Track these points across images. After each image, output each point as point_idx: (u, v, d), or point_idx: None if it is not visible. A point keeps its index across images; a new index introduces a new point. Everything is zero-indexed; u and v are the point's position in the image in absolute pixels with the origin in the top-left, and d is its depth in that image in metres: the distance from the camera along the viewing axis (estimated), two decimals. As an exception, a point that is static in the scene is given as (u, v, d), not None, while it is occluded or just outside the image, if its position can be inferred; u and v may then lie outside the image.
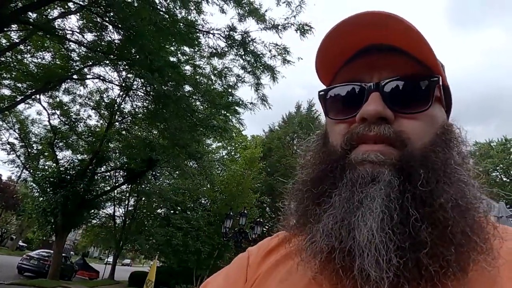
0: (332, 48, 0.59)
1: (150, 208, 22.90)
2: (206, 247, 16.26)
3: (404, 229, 0.45)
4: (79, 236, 40.68)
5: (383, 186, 0.48)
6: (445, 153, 0.52)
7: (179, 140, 10.32)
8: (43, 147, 17.64)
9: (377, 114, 0.52)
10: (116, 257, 24.80)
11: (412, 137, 0.52)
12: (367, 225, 0.46)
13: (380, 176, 0.49)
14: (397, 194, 0.47)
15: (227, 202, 17.37)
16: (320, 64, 0.62)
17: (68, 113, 16.21)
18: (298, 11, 8.61)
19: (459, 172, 0.51)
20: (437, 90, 0.56)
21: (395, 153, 0.51)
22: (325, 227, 0.50)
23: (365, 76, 0.57)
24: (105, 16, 8.99)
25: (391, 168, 0.50)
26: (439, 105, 0.58)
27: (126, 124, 16.23)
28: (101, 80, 13.28)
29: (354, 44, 0.58)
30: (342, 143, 0.55)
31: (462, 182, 0.50)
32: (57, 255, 16.06)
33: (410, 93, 0.54)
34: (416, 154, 0.51)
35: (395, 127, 0.52)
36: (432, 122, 0.55)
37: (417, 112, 0.54)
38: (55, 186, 15.58)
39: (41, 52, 12.49)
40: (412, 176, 0.48)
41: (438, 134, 0.55)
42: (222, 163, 19.78)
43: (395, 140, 0.52)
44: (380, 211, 0.46)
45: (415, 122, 0.53)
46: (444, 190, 0.48)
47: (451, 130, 0.57)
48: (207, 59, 10.15)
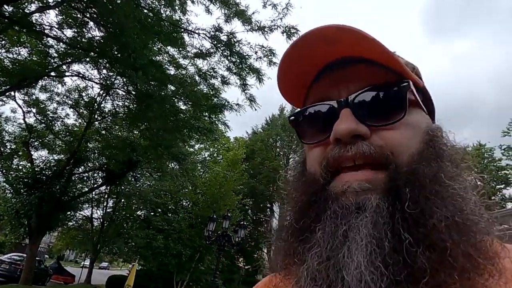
0: (291, 71, 0.56)
1: (129, 210, 22.42)
2: (188, 250, 16.02)
3: (398, 258, 0.41)
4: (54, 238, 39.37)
5: (368, 214, 0.45)
6: (434, 165, 0.48)
7: (163, 140, 10.11)
8: (17, 146, 16.95)
9: (350, 133, 0.49)
10: (93, 261, 24.09)
11: (395, 150, 0.48)
12: (354, 261, 0.42)
13: (367, 203, 0.46)
14: (387, 218, 0.43)
15: (209, 205, 17.21)
16: (284, 89, 0.60)
17: (45, 112, 15.64)
18: (284, 14, 8.62)
19: (452, 186, 0.46)
20: (411, 94, 0.53)
21: (381, 175, 0.48)
22: (310, 269, 0.45)
23: (333, 93, 0.54)
24: (86, 12, 8.71)
25: (378, 192, 0.46)
26: (419, 109, 0.55)
27: (106, 123, 15.81)
28: (81, 77, 12.86)
29: (314, 63, 0.55)
30: (321, 172, 0.52)
31: (457, 196, 0.46)
32: (31, 259, 15.41)
33: (382, 103, 0.51)
34: (402, 171, 0.47)
35: (374, 142, 0.49)
36: (414, 130, 0.51)
37: (393, 122, 0.50)
38: (30, 187, 14.98)
39: (17, 47, 11.99)
40: (400, 196, 0.45)
41: (424, 142, 0.51)
42: (205, 164, 19.60)
43: (378, 157, 0.48)
44: (366, 242, 0.42)
45: (394, 133, 0.50)
46: (437, 208, 0.43)
47: (437, 135, 0.53)
48: (191, 59, 10.02)
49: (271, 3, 8.81)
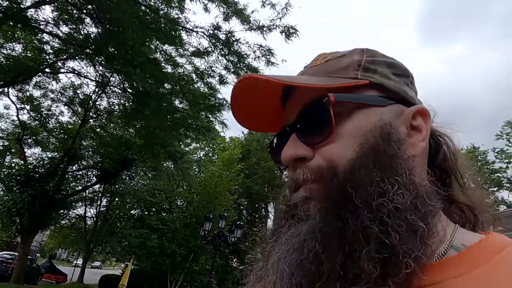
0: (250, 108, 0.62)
1: (123, 209, 22.26)
2: (182, 249, 15.93)
3: (309, 265, 0.45)
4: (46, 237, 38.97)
5: (307, 223, 0.48)
6: (363, 174, 0.48)
7: (159, 139, 10.02)
8: (10, 143, 16.73)
9: (291, 159, 0.54)
10: (85, 260, 23.87)
11: (331, 164, 0.51)
12: (273, 269, 0.48)
13: (310, 211, 0.49)
14: (314, 227, 0.47)
15: (204, 204, 17.13)
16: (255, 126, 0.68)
17: (39, 108, 15.47)
18: (283, 14, 8.59)
19: (379, 193, 0.46)
20: (353, 97, 0.54)
21: (318, 186, 0.51)
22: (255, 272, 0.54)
23: (288, 119, 0.58)
24: (83, 8, 8.61)
25: (316, 202, 0.49)
26: (366, 109, 0.54)
27: (101, 121, 15.67)
28: (76, 74, 12.72)
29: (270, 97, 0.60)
30: (289, 192, 0.57)
31: (381, 205, 0.45)
32: (22, 258, 15.21)
33: (313, 121, 0.54)
34: (333, 183, 0.49)
35: (314, 163, 0.52)
36: (353, 136, 0.52)
37: (325, 138, 0.52)
38: (22, 185, 14.79)
39: (11, 43, 11.82)
40: (327, 208, 0.47)
41: (364, 145, 0.50)
42: (200, 164, 19.52)
43: (315, 176, 0.51)
44: (286, 250, 0.48)
45: (331, 147, 0.52)
46: (353, 218, 0.45)
47: (385, 133, 0.51)
48: (189, 58, 9.95)
49: (270, 3, 8.78)
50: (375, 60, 0.60)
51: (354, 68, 0.57)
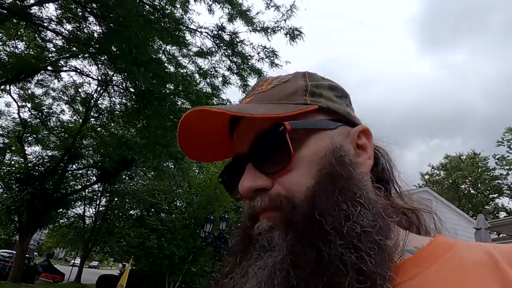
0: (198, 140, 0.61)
1: (122, 209, 22.18)
2: (181, 250, 15.86)
3: None
4: (44, 236, 38.87)
5: (273, 252, 0.47)
6: (323, 199, 0.48)
7: (161, 139, 9.98)
8: (11, 140, 16.68)
9: (250, 190, 0.52)
10: (83, 259, 23.77)
11: (289, 193, 0.50)
12: None
13: (274, 241, 0.48)
14: (283, 257, 0.46)
15: (204, 206, 17.06)
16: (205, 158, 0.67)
17: (40, 107, 15.43)
18: (288, 15, 8.55)
19: (338, 215, 0.46)
20: (306, 123, 0.54)
21: (280, 215, 0.50)
22: None
23: (240, 148, 0.57)
24: (87, 6, 8.58)
25: (280, 231, 0.49)
26: (317, 133, 0.55)
27: (102, 121, 15.62)
28: (78, 73, 12.69)
29: (217, 128, 0.59)
30: (246, 221, 0.55)
31: (340, 226, 0.45)
32: (20, 256, 15.15)
33: (270, 151, 0.53)
34: (294, 211, 0.49)
35: (273, 192, 0.51)
36: (309, 162, 0.52)
37: (283, 167, 0.52)
38: (22, 183, 14.75)
39: (14, 40, 11.79)
40: (292, 237, 0.47)
41: (321, 170, 0.51)
42: (201, 164, 19.46)
43: (277, 205, 0.50)
44: (258, 282, 0.46)
45: (289, 176, 0.52)
46: (312, 246, 0.44)
47: (339, 156, 0.53)
48: (192, 58, 9.92)
49: (274, 5, 8.76)
50: (319, 84, 0.61)
51: (302, 93, 0.58)
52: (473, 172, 30.14)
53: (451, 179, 30.99)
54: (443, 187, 31.41)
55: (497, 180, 29.87)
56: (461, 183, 31.35)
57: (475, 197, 30.58)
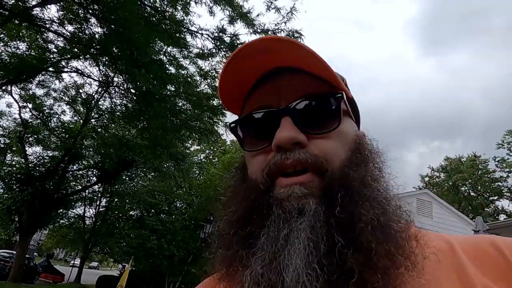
0: (231, 78, 0.59)
1: (122, 209, 22.19)
2: (181, 251, 15.88)
3: (331, 260, 0.44)
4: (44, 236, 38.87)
5: (307, 218, 0.47)
6: (361, 171, 0.52)
7: (162, 140, 10.01)
8: (11, 141, 16.71)
9: (290, 140, 0.52)
10: (83, 260, 23.77)
11: (328, 158, 0.52)
12: (293, 264, 0.45)
13: (306, 207, 0.48)
14: (323, 222, 0.46)
15: (204, 207, 17.09)
16: (225, 97, 0.63)
17: (41, 107, 15.47)
18: (288, 18, 8.60)
19: (377, 188, 0.51)
20: (343, 104, 0.57)
21: (317, 181, 0.51)
22: (254, 273, 0.47)
23: (273, 102, 0.56)
24: (89, 7, 8.63)
25: (316, 197, 0.49)
26: (348, 118, 0.59)
27: (102, 121, 15.66)
28: (79, 74, 12.73)
29: (254, 71, 0.58)
30: (262, 179, 0.54)
31: (381, 198, 0.50)
32: (20, 256, 15.16)
33: (319, 112, 0.54)
34: (335, 177, 0.51)
35: (311, 150, 0.52)
36: (345, 138, 0.55)
37: (328, 131, 0.54)
38: (23, 183, 14.77)
39: (16, 41, 11.84)
40: (334, 201, 0.48)
41: (353, 149, 0.55)
42: (201, 166, 19.49)
43: (314, 164, 0.51)
44: (304, 245, 0.45)
45: (328, 142, 0.53)
46: (364, 211, 0.47)
47: (364, 143, 0.58)
48: (192, 59, 9.96)
49: (275, 7, 8.81)
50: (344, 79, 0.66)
51: (343, 81, 0.62)
52: (473, 175, 30.13)
53: (451, 181, 30.98)
54: (443, 189, 31.40)
55: (497, 183, 29.85)
56: (461, 186, 31.34)
57: (475, 199, 30.56)
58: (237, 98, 0.63)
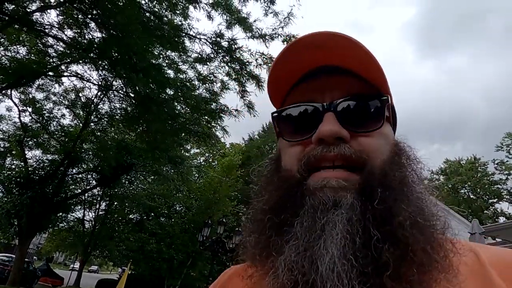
0: (280, 72, 0.60)
1: (122, 213, 22.18)
2: (180, 255, 15.88)
3: (366, 252, 0.45)
4: (44, 240, 38.81)
5: (344, 210, 0.48)
6: (401, 171, 0.54)
7: (160, 144, 10.05)
8: (11, 145, 16.75)
9: (334, 134, 0.53)
10: (83, 263, 23.74)
11: (370, 155, 0.53)
12: (329, 253, 0.46)
13: (343, 200, 0.49)
14: (359, 216, 0.47)
15: (203, 210, 17.10)
16: (271, 88, 0.64)
17: (41, 111, 15.51)
18: (286, 23, 8.67)
19: (416, 190, 0.53)
20: (387, 108, 0.58)
21: (355, 176, 0.52)
22: (287, 260, 0.48)
23: (317, 97, 0.58)
24: (88, 12, 8.70)
25: (353, 191, 0.50)
26: (388, 123, 0.61)
27: (102, 125, 15.69)
28: (79, 78, 12.79)
29: (303, 66, 0.59)
30: (299, 168, 0.55)
31: (419, 199, 0.52)
32: (19, 260, 15.14)
33: (363, 112, 0.56)
34: (375, 173, 0.52)
35: (353, 146, 0.53)
36: (386, 140, 0.57)
37: (371, 130, 0.55)
38: (22, 187, 14.79)
39: (16, 45, 11.91)
40: (372, 196, 0.49)
41: (393, 151, 0.57)
42: (200, 169, 19.51)
43: (356, 160, 0.52)
44: (341, 236, 0.46)
45: (371, 140, 0.55)
46: (403, 208, 0.48)
47: (402, 148, 0.60)
48: (191, 64, 10.02)
49: (273, 11, 8.87)
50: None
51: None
52: (472, 177, 30.14)
53: (450, 184, 30.98)
54: (443, 192, 31.26)
55: (496, 185, 29.85)
56: (461, 188, 31.34)
57: (474, 202, 30.55)
58: (280, 91, 0.64)
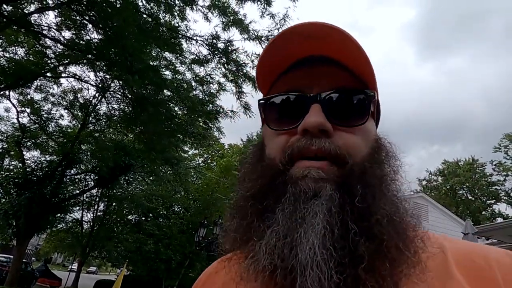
0: (271, 57, 0.59)
1: (120, 214, 22.19)
2: (178, 255, 15.90)
3: (344, 244, 0.46)
4: (42, 241, 38.75)
5: (324, 201, 0.49)
6: (381, 169, 0.55)
7: (156, 145, 10.09)
8: (9, 145, 16.77)
9: (319, 126, 0.53)
10: (81, 264, 23.73)
11: (351, 151, 0.53)
12: (309, 241, 0.47)
13: (322, 191, 0.50)
14: (338, 208, 0.48)
15: (201, 211, 17.13)
16: (259, 73, 0.63)
17: (39, 112, 15.54)
18: (281, 25, 8.73)
19: (393, 188, 0.55)
20: (372, 104, 0.58)
21: (336, 170, 0.52)
22: (268, 245, 0.49)
23: (305, 87, 0.57)
24: (85, 14, 8.75)
25: (332, 184, 0.51)
26: (372, 119, 0.60)
27: (100, 126, 15.73)
28: (77, 79, 12.84)
29: (293, 54, 0.59)
30: (282, 158, 0.55)
31: (395, 197, 0.54)
32: (17, 261, 15.14)
33: (349, 106, 0.56)
34: (355, 170, 0.52)
35: (335, 141, 0.53)
36: (367, 136, 0.57)
37: (354, 126, 0.55)
38: (20, 187, 14.81)
39: (14, 47, 11.96)
40: (351, 192, 0.50)
41: (373, 148, 0.57)
42: (198, 170, 19.54)
43: (336, 155, 0.53)
44: (322, 226, 0.47)
45: (352, 136, 0.55)
46: (381, 205, 0.50)
47: (383, 144, 0.60)
48: (188, 65, 10.08)
49: (269, 13, 8.94)
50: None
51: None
52: (470, 178, 30.19)
53: (448, 185, 31.03)
54: (441, 192, 31.45)
55: (494, 186, 29.90)
56: (459, 189, 31.39)
57: (472, 203, 30.60)
58: (268, 78, 0.64)
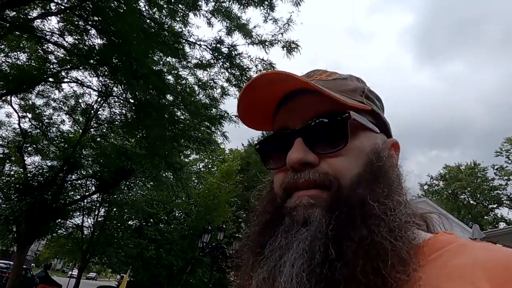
0: (249, 107, 0.63)
1: (121, 219, 22.07)
2: (180, 261, 15.79)
3: (321, 270, 0.47)
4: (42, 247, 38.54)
5: (313, 227, 0.50)
6: (369, 188, 0.53)
7: (160, 150, 10.05)
8: (11, 151, 16.72)
9: (299, 161, 0.55)
10: (81, 270, 23.55)
11: (338, 175, 0.54)
12: (288, 270, 0.48)
13: (311, 217, 0.51)
14: (323, 234, 0.49)
15: (202, 216, 17.04)
16: (248, 122, 0.67)
17: (40, 117, 15.52)
18: (285, 29, 8.73)
19: (382, 206, 0.51)
20: (356, 121, 0.57)
21: (325, 195, 0.53)
22: (258, 279, 0.51)
23: (290, 122, 0.60)
24: (89, 19, 8.75)
25: (321, 209, 0.52)
26: (366, 131, 0.60)
27: (102, 131, 15.70)
28: (79, 84, 12.84)
29: (272, 97, 0.61)
30: (280, 193, 0.58)
31: (377, 218, 0.50)
32: (18, 267, 15.03)
33: (327, 132, 0.57)
34: (342, 192, 0.53)
35: (321, 169, 0.55)
36: (358, 153, 0.57)
37: (337, 150, 0.56)
38: (21, 193, 14.73)
39: (16, 52, 11.96)
40: (337, 215, 0.50)
41: (365, 163, 0.56)
42: (200, 175, 19.48)
43: (323, 183, 0.54)
44: (298, 255, 0.48)
45: (339, 159, 0.55)
46: (357, 229, 0.49)
47: (379, 156, 0.58)
48: (191, 69, 10.07)
49: (272, 18, 8.94)
50: (371, 91, 0.67)
51: (360, 93, 0.64)
52: (472, 183, 30.13)
53: (450, 189, 30.95)
54: (442, 197, 31.37)
55: (496, 191, 29.83)
56: (460, 194, 31.31)
57: (474, 207, 30.50)
58: (263, 120, 0.66)
